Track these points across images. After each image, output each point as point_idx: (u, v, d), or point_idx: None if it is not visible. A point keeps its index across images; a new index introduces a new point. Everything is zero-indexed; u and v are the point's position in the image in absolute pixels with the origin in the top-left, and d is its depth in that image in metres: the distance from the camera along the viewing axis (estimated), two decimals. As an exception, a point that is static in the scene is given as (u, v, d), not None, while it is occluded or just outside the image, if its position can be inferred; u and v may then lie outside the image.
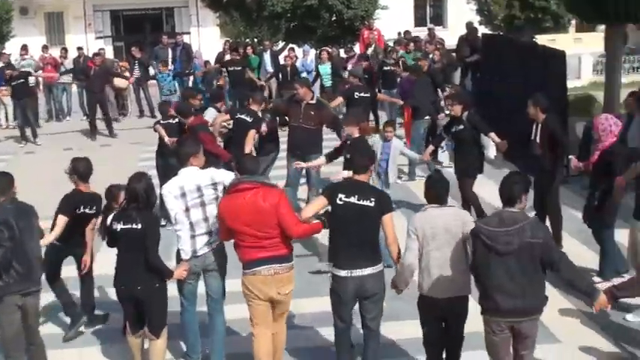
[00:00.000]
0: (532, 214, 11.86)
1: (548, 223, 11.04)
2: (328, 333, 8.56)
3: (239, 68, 23.14)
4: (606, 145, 9.96)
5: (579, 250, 11.17)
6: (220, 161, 12.60)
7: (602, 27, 28.79)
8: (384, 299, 7.77)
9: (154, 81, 25.00)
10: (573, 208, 12.53)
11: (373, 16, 27.63)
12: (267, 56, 24.20)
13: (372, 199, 7.45)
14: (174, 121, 14.01)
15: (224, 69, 23.66)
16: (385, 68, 21.32)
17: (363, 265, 7.46)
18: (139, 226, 7.85)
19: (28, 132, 22.80)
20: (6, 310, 7.72)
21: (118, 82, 24.62)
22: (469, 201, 12.66)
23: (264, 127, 13.52)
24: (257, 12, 26.92)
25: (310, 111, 13.29)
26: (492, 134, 12.41)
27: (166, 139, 13.66)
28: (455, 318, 7.43)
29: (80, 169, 9.23)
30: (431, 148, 13.79)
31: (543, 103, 11.36)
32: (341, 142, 12.39)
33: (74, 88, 26.16)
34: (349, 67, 22.68)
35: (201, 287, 8.61)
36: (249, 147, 13.06)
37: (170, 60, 26.02)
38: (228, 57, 24.30)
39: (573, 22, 30.85)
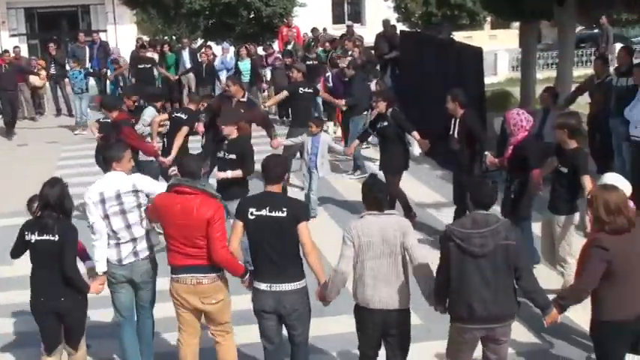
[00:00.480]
0: (452, 209, 12.13)
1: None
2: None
3: (148, 66, 23.01)
4: (518, 140, 10.05)
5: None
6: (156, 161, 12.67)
7: (517, 24, 29.42)
8: (310, 315, 7.43)
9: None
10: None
11: (292, 13, 27.65)
12: (185, 54, 23.94)
13: (284, 209, 7.07)
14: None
15: (134, 67, 23.56)
16: (308, 63, 21.37)
17: (282, 281, 7.12)
18: (56, 237, 7.30)
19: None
20: None
21: (34, 80, 24.16)
22: (396, 197, 12.64)
23: (200, 127, 13.47)
24: (175, 9, 26.71)
25: (240, 108, 13.25)
26: (415, 133, 12.50)
27: (95, 135, 13.41)
28: (395, 333, 7.01)
29: None
30: (356, 142, 14.06)
31: (462, 98, 11.51)
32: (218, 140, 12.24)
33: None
34: (270, 63, 22.73)
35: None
36: (177, 143, 12.82)
37: (87, 58, 25.67)
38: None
39: (489, 19, 31.30)
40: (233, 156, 10.73)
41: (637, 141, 12.53)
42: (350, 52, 20.63)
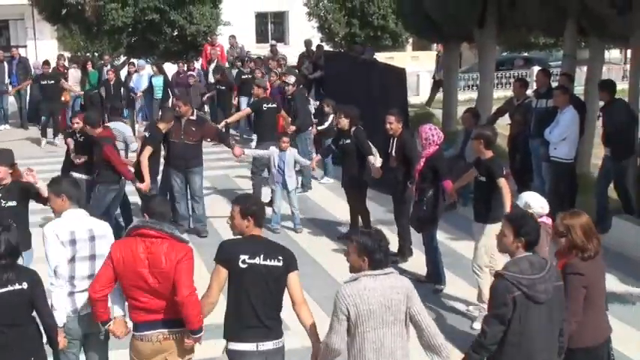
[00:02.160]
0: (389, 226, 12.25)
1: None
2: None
3: (52, 82, 22.68)
4: (430, 153, 10.56)
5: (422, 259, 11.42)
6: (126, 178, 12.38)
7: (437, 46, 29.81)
8: None
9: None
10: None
11: (216, 32, 27.58)
12: (106, 70, 23.76)
13: (280, 258, 6.23)
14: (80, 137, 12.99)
15: (37, 83, 23.21)
16: (243, 77, 21.83)
17: (269, 338, 6.23)
18: (24, 285, 6.26)
19: None
20: None
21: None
22: (359, 213, 12.77)
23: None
24: (97, 26, 26.41)
25: (191, 127, 13.31)
26: (371, 157, 12.34)
27: (72, 155, 12.87)
28: None
29: None
30: (318, 157, 14.18)
31: (404, 118, 11.85)
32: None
33: None
34: (191, 81, 22.73)
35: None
36: (144, 163, 12.56)
37: (6, 74, 25.26)
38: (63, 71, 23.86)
39: (411, 40, 31.70)
40: None
41: (556, 161, 12.90)
42: (273, 71, 20.72)
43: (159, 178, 13.41)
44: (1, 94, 25.10)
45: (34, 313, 6.52)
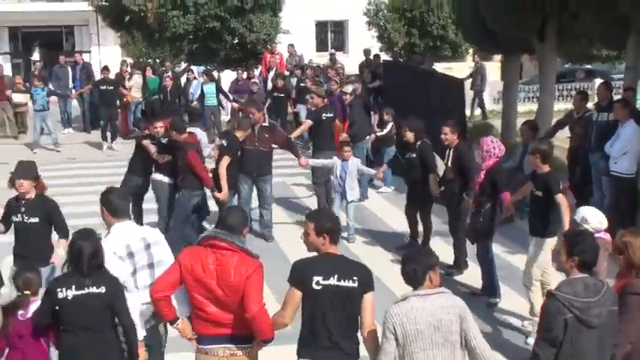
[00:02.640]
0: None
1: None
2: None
3: (111, 87, 23.10)
4: (489, 165, 10.49)
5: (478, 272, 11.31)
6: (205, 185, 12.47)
7: (498, 57, 29.56)
8: None
9: (55, 97, 24.72)
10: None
11: (275, 40, 27.67)
12: (165, 77, 23.98)
13: (355, 278, 5.99)
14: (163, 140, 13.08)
15: (96, 88, 23.69)
16: (302, 84, 22.04)
17: (344, 358, 6.08)
18: (102, 289, 6.32)
19: None
20: None
21: (17, 97, 24.06)
22: (423, 226, 12.78)
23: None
24: (159, 33, 26.67)
25: (264, 133, 13.50)
26: (432, 176, 12.22)
27: (155, 155, 12.94)
28: None
29: None
30: (385, 167, 14.17)
31: (460, 129, 11.84)
32: None
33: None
34: (254, 88, 22.90)
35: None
36: (222, 172, 12.63)
37: (70, 79, 25.69)
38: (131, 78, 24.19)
39: (471, 51, 31.45)
40: None
41: (617, 176, 12.67)
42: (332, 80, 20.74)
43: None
44: (65, 98, 25.54)
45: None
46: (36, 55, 35.85)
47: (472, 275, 11.40)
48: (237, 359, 6.26)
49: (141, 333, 6.73)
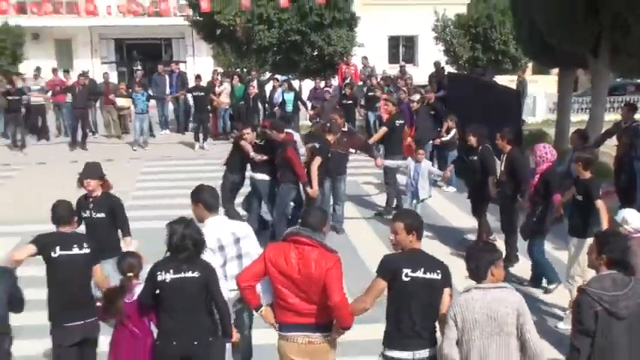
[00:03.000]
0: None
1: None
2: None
3: (202, 94, 23.56)
4: (543, 170, 10.59)
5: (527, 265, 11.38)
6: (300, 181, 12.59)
7: (556, 70, 29.19)
8: None
9: (153, 102, 25.42)
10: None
11: (351, 52, 27.77)
12: (254, 84, 24.36)
13: (439, 272, 5.96)
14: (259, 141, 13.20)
15: (190, 94, 24.32)
16: (370, 94, 21.99)
17: (425, 347, 5.98)
18: (196, 274, 6.37)
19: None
20: None
21: (121, 101, 24.63)
22: (482, 226, 12.79)
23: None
24: (246, 45, 27.01)
25: (344, 137, 13.74)
26: (491, 178, 12.12)
27: (252, 154, 13.02)
28: None
29: (59, 213, 7.35)
30: (451, 167, 14.22)
31: (510, 136, 11.66)
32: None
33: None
34: (327, 96, 23.10)
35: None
36: (313, 174, 12.62)
37: (167, 85, 26.23)
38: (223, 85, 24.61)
39: (530, 64, 31.15)
40: None
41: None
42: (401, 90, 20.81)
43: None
44: (162, 103, 26.07)
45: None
46: (138, 65, 36.47)
47: (522, 268, 11.45)
48: (314, 347, 6.22)
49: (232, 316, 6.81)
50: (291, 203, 13.01)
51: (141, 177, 19.25)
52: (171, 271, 6.32)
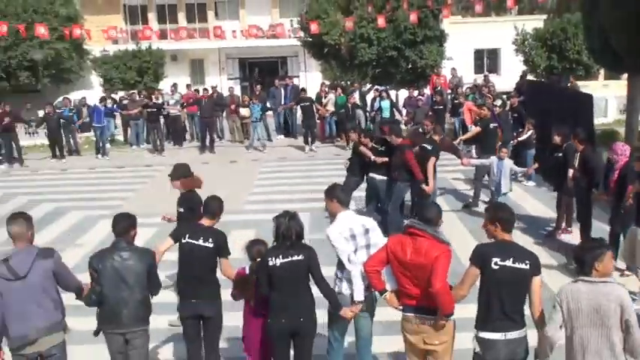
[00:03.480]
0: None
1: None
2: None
3: (308, 104, 23.84)
4: (622, 164, 10.47)
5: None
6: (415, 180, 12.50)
7: (625, 75, 28.03)
8: None
9: (271, 112, 25.81)
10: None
11: (440, 65, 27.40)
12: (356, 95, 24.42)
13: (527, 262, 5.73)
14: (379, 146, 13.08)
15: (298, 105, 24.62)
16: (455, 101, 21.98)
17: (515, 328, 5.79)
18: (301, 257, 6.44)
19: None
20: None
21: (243, 111, 24.99)
22: (564, 212, 12.58)
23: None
24: (350, 60, 26.95)
25: (425, 140, 13.42)
26: (571, 170, 11.73)
27: (372, 157, 12.93)
28: None
29: (207, 206, 7.28)
30: (535, 165, 14.03)
31: (582, 136, 11.46)
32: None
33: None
34: (419, 103, 22.93)
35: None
36: (430, 172, 12.59)
37: (282, 97, 26.51)
38: (332, 95, 24.76)
39: (602, 71, 30.11)
40: None
41: None
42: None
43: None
44: (277, 112, 26.36)
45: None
46: (257, 79, 36.99)
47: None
48: (424, 328, 6.14)
49: (359, 296, 6.75)
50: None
51: (259, 175, 19.45)
52: (280, 256, 6.39)
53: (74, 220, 15.25)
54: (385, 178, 12.82)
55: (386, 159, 12.73)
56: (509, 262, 5.69)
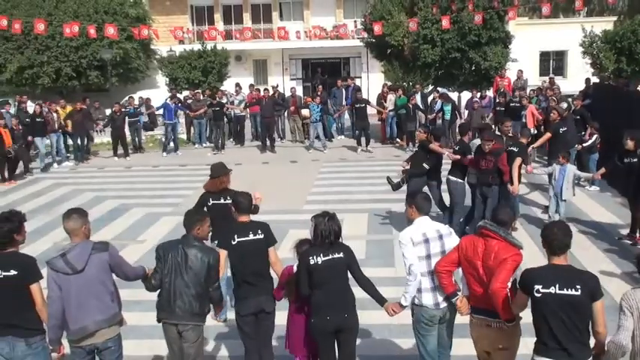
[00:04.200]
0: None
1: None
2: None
3: (362, 105, 23.65)
4: None
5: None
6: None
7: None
8: None
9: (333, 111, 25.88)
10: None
11: (505, 67, 26.99)
12: (418, 97, 24.21)
13: (578, 287, 5.24)
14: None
15: (352, 107, 24.41)
16: (511, 105, 21.56)
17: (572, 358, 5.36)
18: (341, 254, 6.52)
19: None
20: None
21: (304, 112, 25.07)
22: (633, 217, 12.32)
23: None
24: (412, 62, 26.80)
25: (510, 142, 13.35)
26: None
27: (446, 153, 13.00)
28: None
29: (240, 204, 7.23)
30: (603, 170, 13.32)
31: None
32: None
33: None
34: (475, 105, 22.70)
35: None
36: (515, 173, 12.47)
37: (344, 97, 26.49)
38: (390, 96, 24.69)
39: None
40: None
41: None
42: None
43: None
44: (340, 114, 26.35)
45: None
46: (318, 80, 37.03)
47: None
48: (490, 330, 6.09)
49: (407, 301, 6.58)
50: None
51: (319, 176, 19.48)
52: (321, 254, 6.45)
53: (137, 216, 15.55)
54: (460, 180, 12.72)
55: (458, 157, 12.66)
56: (554, 289, 5.26)
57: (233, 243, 7.05)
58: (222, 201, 8.94)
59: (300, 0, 41.98)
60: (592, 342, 5.47)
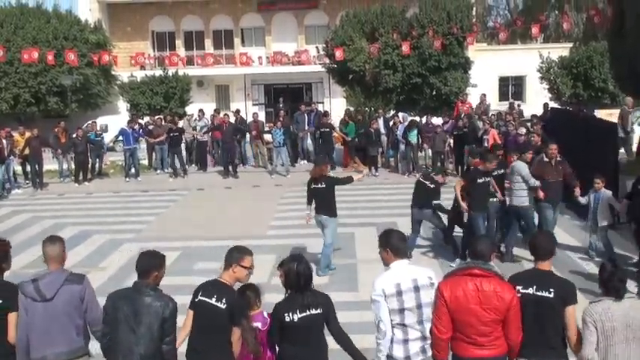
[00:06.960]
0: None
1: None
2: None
3: (327, 130, 24.12)
4: None
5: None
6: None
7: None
8: None
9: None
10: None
11: (465, 91, 27.43)
12: (380, 121, 24.44)
13: (552, 290, 5.56)
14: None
15: (317, 130, 24.75)
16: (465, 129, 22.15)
17: (551, 357, 5.68)
18: (319, 310, 5.82)
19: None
20: None
21: (267, 137, 25.15)
22: None
23: None
24: (374, 87, 27.12)
25: (559, 166, 13.01)
26: None
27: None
28: None
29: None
30: (626, 201, 12.28)
31: None
32: None
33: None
34: (437, 130, 22.95)
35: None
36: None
37: (306, 122, 26.59)
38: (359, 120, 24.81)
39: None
40: None
41: None
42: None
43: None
44: (302, 138, 26.41)
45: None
46: (281, 105, 37.30)
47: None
48: None
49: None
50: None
51: (282, 200, 19.47)
52: (298, 311, 5.77)
53: (98, 243, 15.40)
54: (496, 200, 12.59)
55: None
56: (531, 290, 5.66)
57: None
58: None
59: (262, 26, 42.28)
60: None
